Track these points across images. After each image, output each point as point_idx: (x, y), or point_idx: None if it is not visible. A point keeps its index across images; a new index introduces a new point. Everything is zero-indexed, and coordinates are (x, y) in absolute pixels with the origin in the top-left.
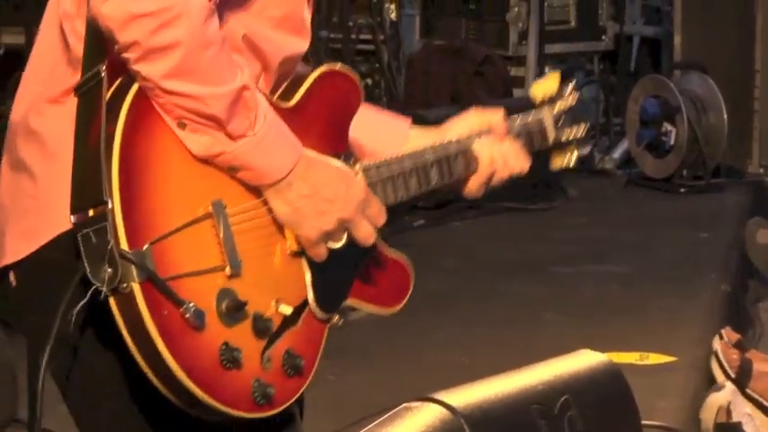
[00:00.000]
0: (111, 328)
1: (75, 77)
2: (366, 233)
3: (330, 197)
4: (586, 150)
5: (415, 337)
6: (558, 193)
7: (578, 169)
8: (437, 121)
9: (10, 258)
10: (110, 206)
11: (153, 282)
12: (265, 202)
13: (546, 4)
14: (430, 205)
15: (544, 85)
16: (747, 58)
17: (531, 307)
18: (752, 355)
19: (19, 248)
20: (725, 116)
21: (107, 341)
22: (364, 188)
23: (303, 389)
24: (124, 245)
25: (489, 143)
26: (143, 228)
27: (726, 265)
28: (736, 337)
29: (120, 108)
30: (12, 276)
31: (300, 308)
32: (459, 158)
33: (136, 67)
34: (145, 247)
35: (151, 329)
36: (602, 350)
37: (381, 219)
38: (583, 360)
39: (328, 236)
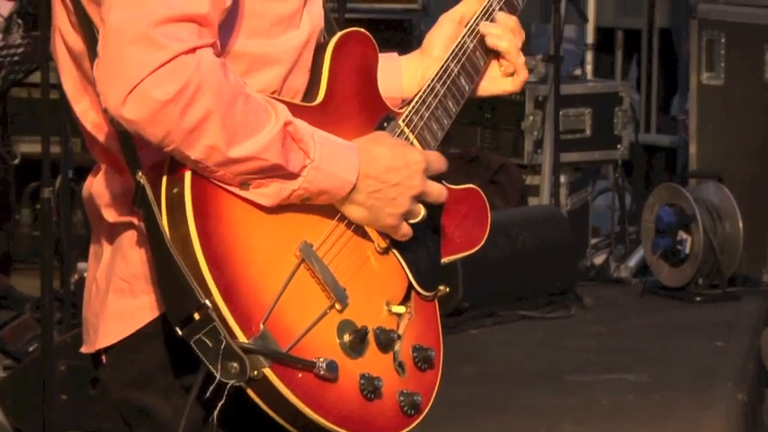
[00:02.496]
0: (250, 410)
1: (128, 181)
2: (437, 193)
3: (396, 181)
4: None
5: None
6: (574, 302)
7: (594, 278)
8: None
9: (104, 342)
10: (211, 306)
11: (280, 359)
12: (341, 218)
13: (561, 113)
14: (445, 313)
15: None
16: (763, 167)
17: (548, 416)
18: None
19: (113, 331)
20: (740, 225)
21: (249, 424)
22: (421, 155)
23: (438, 382)
24: (241, 337)
25: (490, 23)
26: (250, 310)
27: (742, 375)
28: None
29: (183, 206)
30: (104, 357)
31: (408, 297)
32: (478, 51)
33: (180, 155)
34: (261, 329)
35: (295, 402)
36: None
37: (443, 166)
38: None
39: (407, 215)
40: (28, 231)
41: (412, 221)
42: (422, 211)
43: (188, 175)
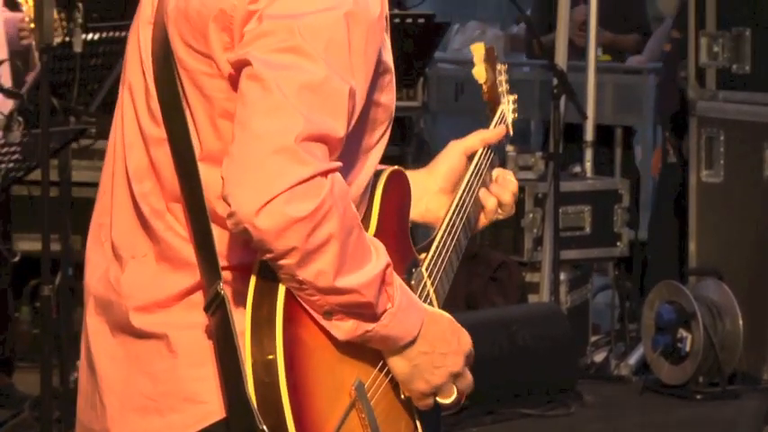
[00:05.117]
0: None
1: (181, 281)
2: (467, 384)
3: (444, 351)
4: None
5: None
6: (575, 400)
7: (594, 375)
8: None
9: None
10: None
11: None
12: (383, 365)
13: (561, 210)
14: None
15: (480, 72)
16: (763, 265)
17: None
18: None
19: None
20: (740, 322)
21: None
22: (469, 339)
23: None
24: None
25: (486, 191)
26: None
27: None
28: None
29: (272, 328)
30: None
31: None
32: (477, 210)
33: (287, 272)
34: None
35: None
36: None
37: (472, 359)
38: None
39: (438, 389)
40: (28, 329)
41: (440, 400)
42: (453, 395)
43: (281, 295)
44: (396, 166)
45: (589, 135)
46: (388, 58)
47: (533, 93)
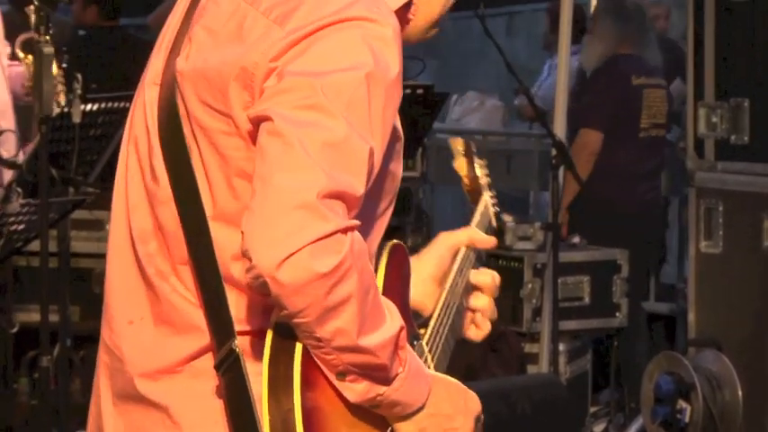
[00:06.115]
0: None
1: (186, 346)
2: None
3: (450, 413)
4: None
5: None
6: None
7: None
8: None
9: None
10: None
11: None
12: (393, 430)
13: (560, 281)
14: None
15: (461, 167)
16: (762, 335)
17: None
18: None
19: None
20: (740, 393)
21: None
22: (479, 403)
23: None
24: None
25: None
26: None
27: None
28: None
29: (290, 387)
30: None
31: None
32: (465, 310)
33: (305, 330)
34: None
35: None
36: None
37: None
38: None
39: None
40: (26, 400)
41: None
42: None
43: (298, 354)
44: (396, 240)
45: None
46: (399, 125)
47: (532, 163)
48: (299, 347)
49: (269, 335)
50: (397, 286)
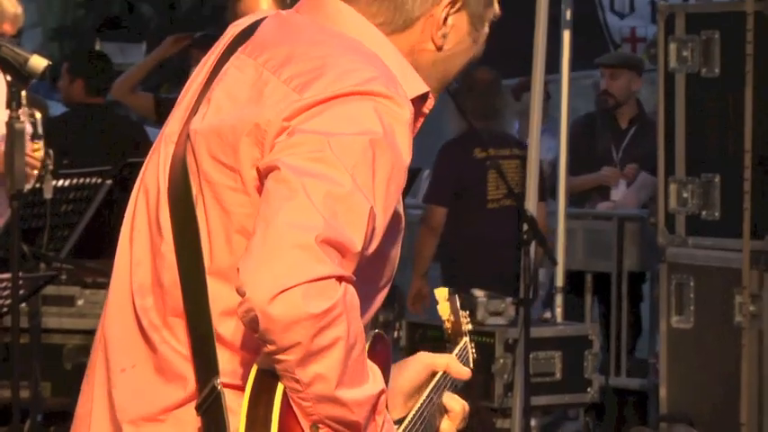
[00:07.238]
0: None
1: (172, 395)
2: None
3: None
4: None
5: None
6: None
7: None
8: None
9: None
10: None
11: None
12: None
13: (531, 356)
14: None
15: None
16: (733, 410)
17: None
18: None
19: None
20: None
21: None
22: None
23: None
24: None
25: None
26: None
27: None
28: None
29: (267, 428)
30: None
31: None
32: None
33: (286, 371)
34: None
35: None
36: None
37: None
38: None
39: None
40: None
41: None
42: None
43: (278, 395)
44: (378, 330)
45: (559, 281)
46: (402, 211)
47: None
48: (279, 389)
49: (252, 374)
50: (381, 371)
